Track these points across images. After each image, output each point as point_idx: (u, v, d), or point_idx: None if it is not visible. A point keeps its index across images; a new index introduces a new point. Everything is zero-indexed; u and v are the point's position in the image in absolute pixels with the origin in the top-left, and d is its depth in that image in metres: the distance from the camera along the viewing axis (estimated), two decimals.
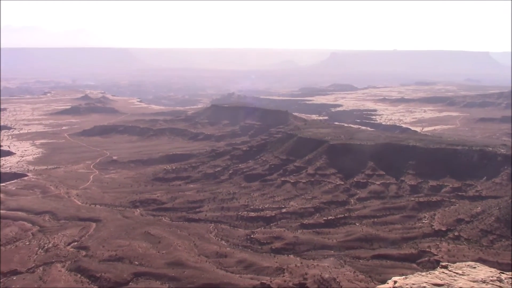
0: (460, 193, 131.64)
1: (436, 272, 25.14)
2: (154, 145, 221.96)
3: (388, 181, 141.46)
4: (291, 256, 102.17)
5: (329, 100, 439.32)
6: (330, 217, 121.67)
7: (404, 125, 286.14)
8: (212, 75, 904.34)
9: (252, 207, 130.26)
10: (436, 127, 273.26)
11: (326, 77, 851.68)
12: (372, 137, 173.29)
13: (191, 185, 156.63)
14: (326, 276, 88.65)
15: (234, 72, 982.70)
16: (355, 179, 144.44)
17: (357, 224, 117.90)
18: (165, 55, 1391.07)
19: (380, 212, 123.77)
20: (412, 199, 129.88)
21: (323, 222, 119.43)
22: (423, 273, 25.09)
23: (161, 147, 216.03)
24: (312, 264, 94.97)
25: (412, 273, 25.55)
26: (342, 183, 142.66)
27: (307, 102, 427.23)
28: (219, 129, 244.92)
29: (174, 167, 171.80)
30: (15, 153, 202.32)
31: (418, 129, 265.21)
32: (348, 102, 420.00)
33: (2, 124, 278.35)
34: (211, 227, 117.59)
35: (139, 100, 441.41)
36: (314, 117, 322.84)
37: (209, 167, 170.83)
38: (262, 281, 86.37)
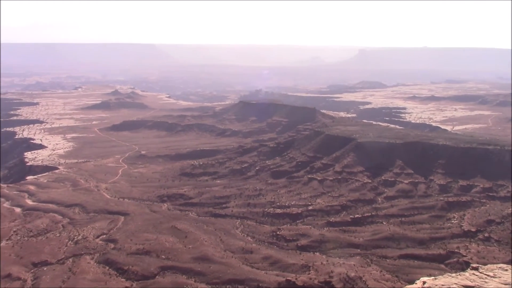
0: (491, 194, 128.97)
1: (467, 274, 24.74)
2: (182, 141, 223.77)
3: (416, 180, 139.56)
4: (317, 253, 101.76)
5: (358, 97, 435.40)
6: (357, 216, 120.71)
7: (434, 124, 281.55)
8: (239, 71, 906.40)
9: (278, 203, 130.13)
10: (467, 126, 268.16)
11: (354, 74, 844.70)
12: (401, 136, 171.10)
13: (218, 181, 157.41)
14: (352, 274, 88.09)
15: (262, 68, 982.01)
16: (383, 178, 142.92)
17: (384, 223, 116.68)
18: (193, 51, 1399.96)
19: (408, 211, 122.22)
20: (441, 198, 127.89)
21: (349, 220, 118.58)
22: (453, 274, 24.72)
23: (189, 142, 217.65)
24: (338, 262, 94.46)
25: (440, 274, 25.23)
26: (370, 181, 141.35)
27: (335, 99, 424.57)
28: (246, 126, 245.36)
29: (201, 163, 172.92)
30: (47, 147, 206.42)
31: (448, 127, 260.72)
32: (376, 99, 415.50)
33: (35, 118, 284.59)
34: (237, 223, 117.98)
35: (167, 95, 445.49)
36: (342, 114, 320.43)
37: (236, 163, 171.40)
38: (287, 278, 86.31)
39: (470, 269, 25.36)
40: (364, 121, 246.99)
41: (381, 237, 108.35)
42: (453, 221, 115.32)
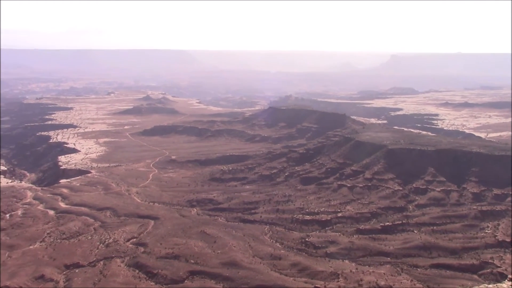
0: None
1: (504, 285, 24.05)
2: (212, 146, 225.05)
3: (449, 188, 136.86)
4: (346, 261, 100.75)
5: (389, 103, 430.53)
6: (387, 223, 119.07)
7: (467, 131, 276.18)
8: (269, 77, 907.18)
9: (307, 210, 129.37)
10: (502, 133, 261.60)
11: (385, 80, 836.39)
12: (433, 143, 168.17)
13: (247, 186, 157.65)
14: (382, 283, 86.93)
15: (292, 74, 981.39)
16: (414, 185, 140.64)
17: (416, 231, 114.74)
18: (223, 57, 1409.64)
19: (440, 220, 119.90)
20: (475, 207, 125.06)
21: (379, 228, 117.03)
22: (490, 286, 24.07)
23: (218, 147, 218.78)
24: (368, 271, 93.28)
25: (473, 285, 24.61)
26: (401, 188, 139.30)
27: (366, 105, 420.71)
28: (276, 131, 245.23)
29: (230, 168, 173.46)
30: (80, 151, 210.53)
31: (482, 135, 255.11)
32: (408, 106, 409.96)
33: (68, 122, 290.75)
34: (266, 229, 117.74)
35: (198, 101, 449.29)
36: (373, 120, 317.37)
37: (265, 168, 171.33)
38: (316, 285, 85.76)
39: (508, 280, 24.67)
40: (395, 127, 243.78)
41: (412, 245, 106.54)
42: (486, 231, 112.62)
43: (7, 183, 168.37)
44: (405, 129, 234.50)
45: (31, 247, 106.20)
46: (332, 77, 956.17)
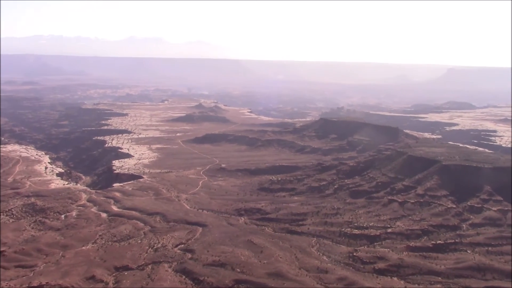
0: None
1: None
2: (262, 156, 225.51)
3: (506, 208, 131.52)
4: (395, 278, 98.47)
5: (444, 118, 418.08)
6: (439, 242, 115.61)
7: None
8: (322, 88, 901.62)
9: (356, 224, 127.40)
10: None
11: (441, 94, 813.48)
12: (490, 160, 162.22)
13: (296, 197, 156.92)
14: None
15: (345, 86, 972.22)
16: (468, 203, 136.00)
17: (469, 251, 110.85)
18: (276, 67, 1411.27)
19: (495, 241, 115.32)
20: None
21: (431, 246, 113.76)
22: None
23: (268, 157, 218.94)
24: None
25: None
26: (454, 206, 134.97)
27: (420, 119, 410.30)
28: (326, 143, 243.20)
29: (279, 178, 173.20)
30: (133, 156, 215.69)
31: None
32: (464, 121, 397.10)
33: (123, 128, 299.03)
34: (313, 241, 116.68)
35: (249, 110, 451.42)
36: (427, 135, 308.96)
37: (314, 180, 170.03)
38: None
39: None
40: (450, 143, 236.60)
41: (465, 266, 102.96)
42: None
43: (64, 184, 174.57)
44: (461, 145, 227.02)
45: (83, 248, 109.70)
46: (386, 89, 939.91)
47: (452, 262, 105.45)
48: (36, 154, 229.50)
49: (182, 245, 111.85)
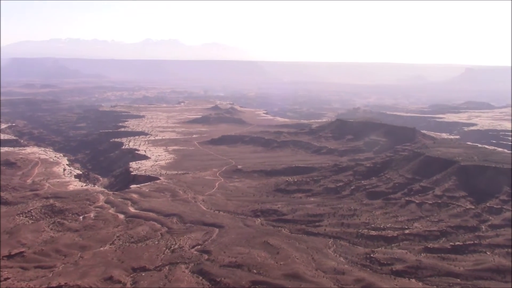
0: None
1: None
2: (278, 157, 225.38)
3: None
4: (413, 280, 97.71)
5: (462, 118, 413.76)
6: (458, 243, 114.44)
7: None
8: (338, 89, 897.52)
9: (373, 225, 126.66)
10: None
11: (459, 94, 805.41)
12: (509, 160, 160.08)
13: (312, 199, 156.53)
14: None
15: (361, 86, 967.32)
16: (487, 204, 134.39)
17: (488, 253, 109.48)
18: (291, 68, 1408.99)
19: None
20: None
21: (449, 247, 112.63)
22: None
23: (284, 158, 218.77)
24: None
25: None
26: (473, 207, 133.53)
27: (437, 119, 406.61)
28: (342, 144, 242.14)
29: (296, 179, 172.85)
30: (150, 158, 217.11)
31: None
32: (483, 121, 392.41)
33: (140, 130, 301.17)
34: (329, 242, 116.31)
35: (265, 111, 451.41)
36: (444, 135, 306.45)
37: (331, 181, 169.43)
38: None
39: None
40: (468, 143, 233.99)
41: (484, 268, 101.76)
42: None
43: (82, 186, 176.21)
44: (479, 145, 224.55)
45: (101, 248, 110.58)
46: (403, 89, 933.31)
47: (471, 263, 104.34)
48: (55, 156, 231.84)
49: (199, 246, 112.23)
